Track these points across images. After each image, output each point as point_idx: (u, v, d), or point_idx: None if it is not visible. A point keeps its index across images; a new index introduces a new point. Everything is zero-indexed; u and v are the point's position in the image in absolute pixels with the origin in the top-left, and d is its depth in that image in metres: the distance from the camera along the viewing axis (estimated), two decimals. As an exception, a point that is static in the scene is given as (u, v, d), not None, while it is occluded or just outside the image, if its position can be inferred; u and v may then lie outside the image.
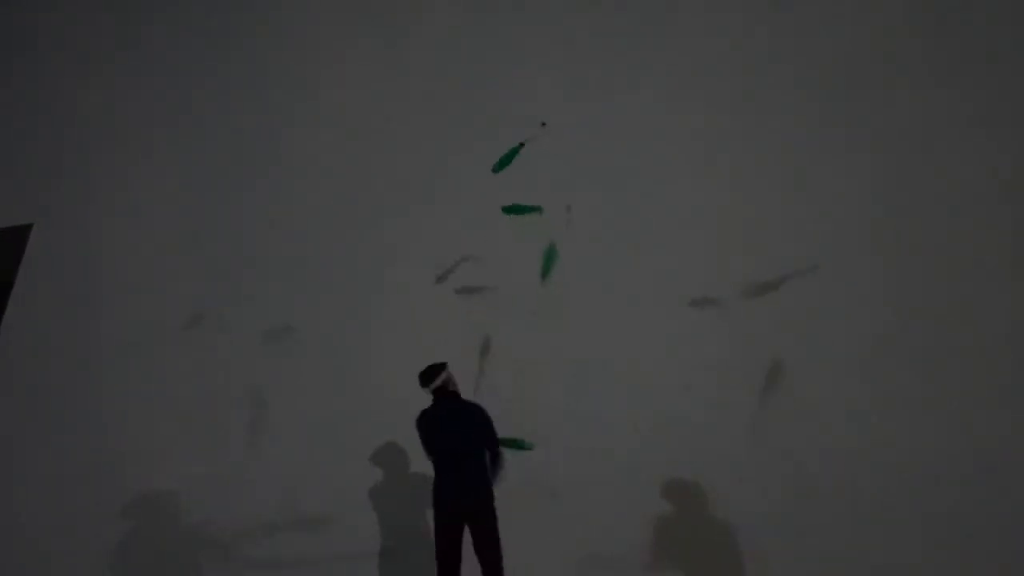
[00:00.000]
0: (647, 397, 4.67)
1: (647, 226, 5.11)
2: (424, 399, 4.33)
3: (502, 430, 4.33)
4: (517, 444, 4.76)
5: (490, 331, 5.15)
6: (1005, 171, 4.51)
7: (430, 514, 4.20)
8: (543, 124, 4.92)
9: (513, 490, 4.31)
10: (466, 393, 4.47)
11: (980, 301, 4.32)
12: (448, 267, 5.40)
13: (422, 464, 4.44)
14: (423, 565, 4.46)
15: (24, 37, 7.89)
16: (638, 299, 4.94)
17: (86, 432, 5.77)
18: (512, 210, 5.44)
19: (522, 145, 5.47)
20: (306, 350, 5.55)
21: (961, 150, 4.62)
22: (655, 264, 4.99)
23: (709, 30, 5.51)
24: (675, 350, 4.74)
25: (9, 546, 5.54)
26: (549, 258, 5.24)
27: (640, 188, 5.23)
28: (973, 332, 4.27)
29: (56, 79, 7.57)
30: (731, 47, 5.38)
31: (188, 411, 5.59)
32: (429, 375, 4.29)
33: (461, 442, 4.13)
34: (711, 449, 4.44)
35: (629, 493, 4.47)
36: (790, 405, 4.42)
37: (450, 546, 4.03)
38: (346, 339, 5.47)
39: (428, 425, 4.25)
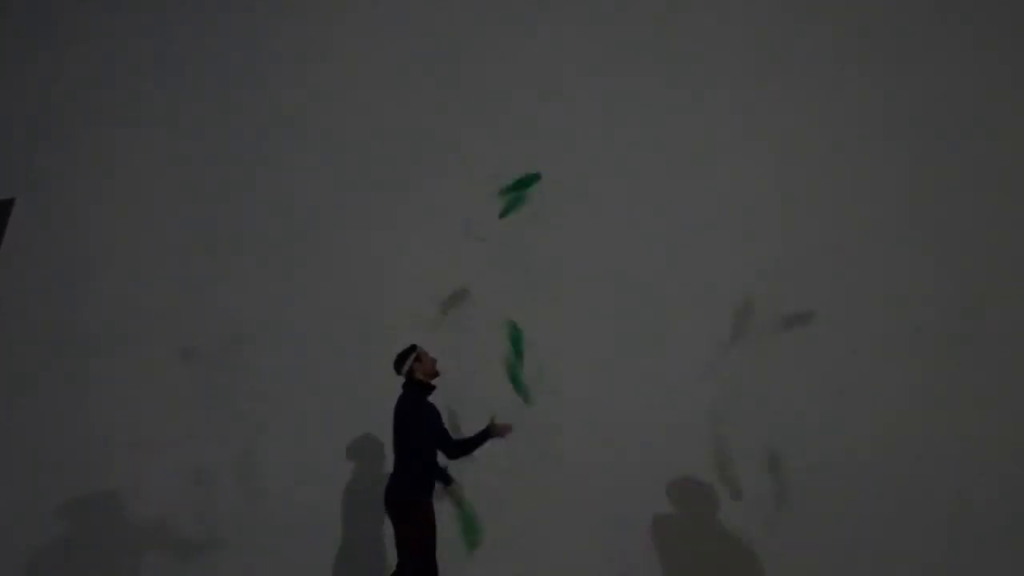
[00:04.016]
0: (663, 388, 4.56)
1: (670, 209, 4.96)
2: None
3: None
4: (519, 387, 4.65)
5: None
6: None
7: None
8: None
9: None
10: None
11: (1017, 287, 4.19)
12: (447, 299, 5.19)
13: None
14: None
15: (5, 8, 7.70)
16: (660, 286, 4.81)
17: (70, 414, 5.64)
18: (515, 187, 5.23)
19: (538, 177, 5.22)
20: (303, 339, 5.38)
21: (1006, 128, 4.47)
22: (676, 249, 4.86)
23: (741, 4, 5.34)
24: (694, 338, 4.63)
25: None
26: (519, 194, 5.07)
27: (666, 167, 5.08)
28: (1011, 320, 4.15)
29: (40, 51, 7.38)
30: (766, 23, 5.21)
31: (178, 397, 5.47)
32: (396, 362, 4.16)
33: (394, 440, 4.00)
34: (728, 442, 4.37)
35: (641, 486, 4.38)
36: (808, 396, 4.32)
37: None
38: (340, 331, 5.30)
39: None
